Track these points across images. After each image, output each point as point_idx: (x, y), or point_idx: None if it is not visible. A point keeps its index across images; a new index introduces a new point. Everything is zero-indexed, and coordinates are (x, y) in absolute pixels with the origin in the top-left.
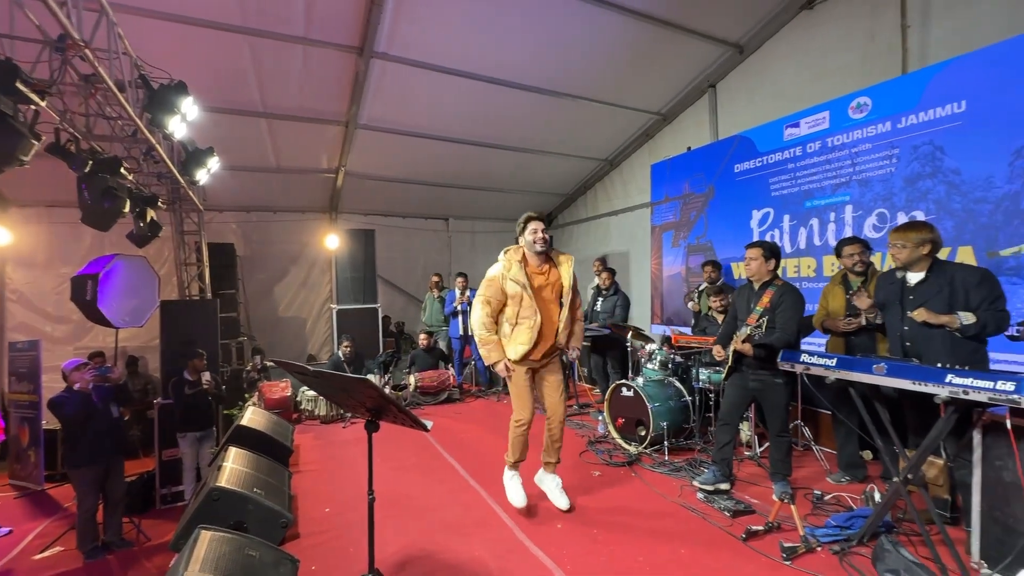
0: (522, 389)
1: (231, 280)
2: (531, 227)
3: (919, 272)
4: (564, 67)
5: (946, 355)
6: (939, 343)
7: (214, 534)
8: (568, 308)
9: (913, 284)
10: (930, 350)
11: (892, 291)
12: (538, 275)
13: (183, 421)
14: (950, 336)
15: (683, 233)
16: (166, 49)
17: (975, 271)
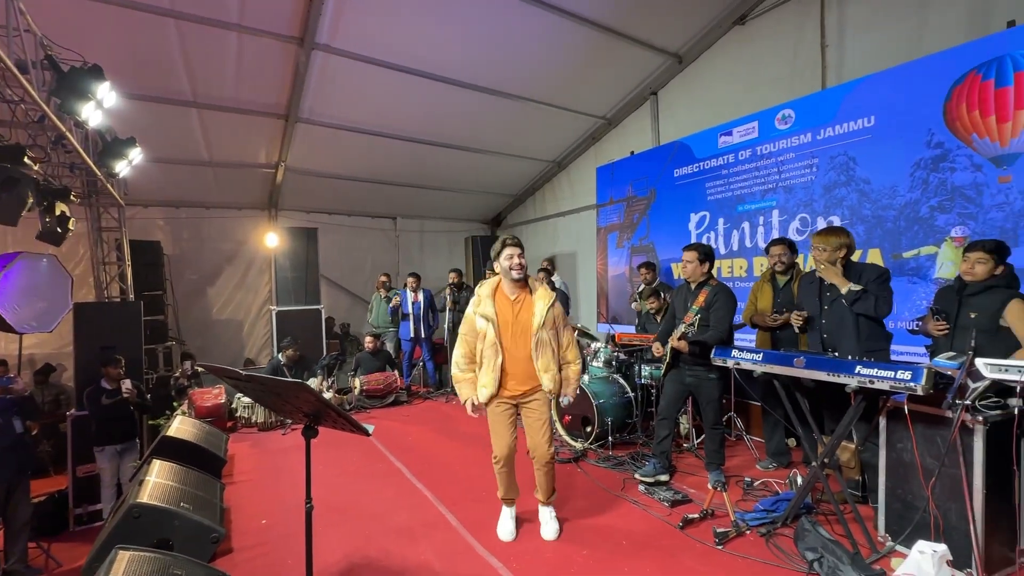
0: (495, 424)
1: (157, 280)
2: (506, 252)
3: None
4: (512, 69)
5: (857, 346)
6: (851, 336)
7: (133, 554)
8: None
9: (829, 283)
10: (843, 341)
11: (811, 290)
12: (508, 308)
13: (101, 434)
14: (857, 330)
15: (627, 235)
16: (79, 29)
17: (876, 268)
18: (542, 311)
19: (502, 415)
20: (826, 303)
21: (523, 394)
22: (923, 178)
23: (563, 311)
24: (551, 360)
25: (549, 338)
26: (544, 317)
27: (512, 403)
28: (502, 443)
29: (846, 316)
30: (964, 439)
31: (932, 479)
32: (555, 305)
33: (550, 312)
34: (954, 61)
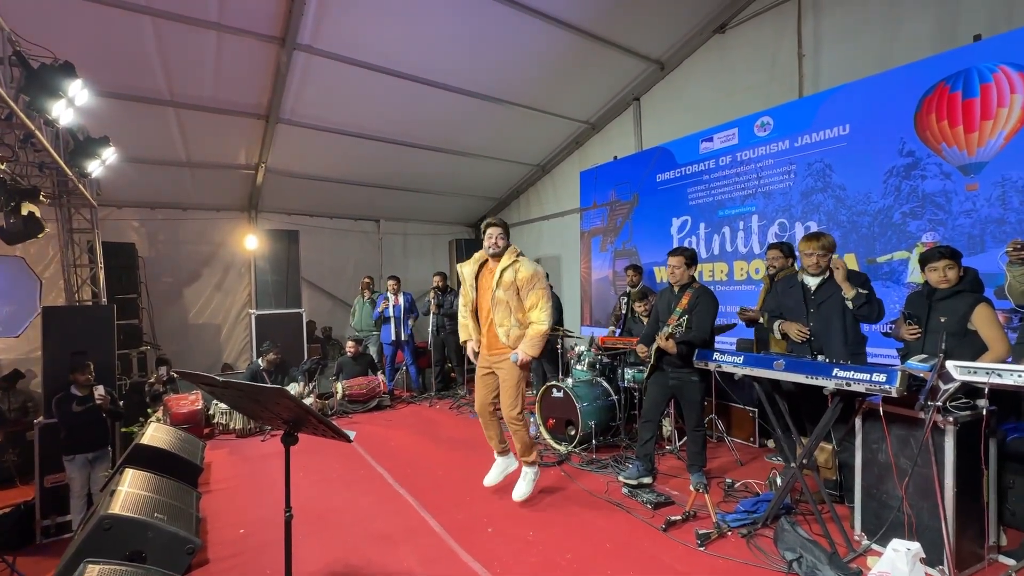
0: (475, 383)
1: (132, 283)
2: (487, 232)
3: (818, 276)
4: (497, 73)
5: (844, 348)
6: (837, 340)
7: (103, 568)
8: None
9: (814, 287)
10: (831, 344)
11: (794, 294)
12: (488, 280)
13: (71, 442)
14: (843, 334)
15: (610, 238)
16: (50, 25)
17: (859, 275)
18: (498, 273)
19: (479, 378)
20: (812, 306)
21: (495, 360)
22: (896, 185)
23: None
24: (506, 317)
25: (507, 298)
26: (499, 278)
27: (487, 368)
28: (477, 399)
29: (834, 319)
30: (936, 439)
31: (906, 479)
32: (518, 269)
33: (507, 273)
34: (924, 72)
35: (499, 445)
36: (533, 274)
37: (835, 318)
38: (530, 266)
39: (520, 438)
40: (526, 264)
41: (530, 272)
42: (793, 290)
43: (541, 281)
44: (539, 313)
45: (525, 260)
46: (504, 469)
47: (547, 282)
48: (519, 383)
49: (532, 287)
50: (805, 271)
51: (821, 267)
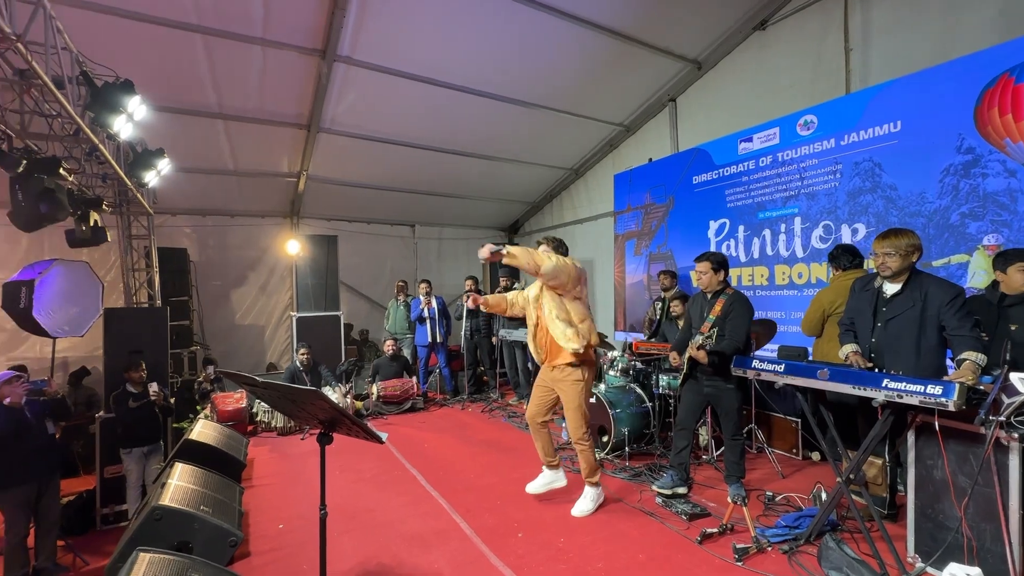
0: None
1: (184, 286)
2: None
3: (897, 283)
4: (530, 77)
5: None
6: (905, 358)
7: (154, 556)
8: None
9: (889, 295)
10: (898, 362)
11: (865, 299)
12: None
13: (127, 436)
14: (916, 351)
15: (645, 242)
16: (112, 46)
17: (949, 289)
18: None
19: (538, 386)
20: (881, 319)
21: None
22: (953, 184)
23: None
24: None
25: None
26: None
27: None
28: (529, 409)
29: (905, 335)
30: (999, 457)
31: (965, 499)
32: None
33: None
34: (985, 63)
35: (546, 458)
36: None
37: (906, 333)
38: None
39: (586, 459)
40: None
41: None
42: (866, 293)
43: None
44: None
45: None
46: (549, 482)
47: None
48: (581, 404)
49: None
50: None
51: (893, 271)
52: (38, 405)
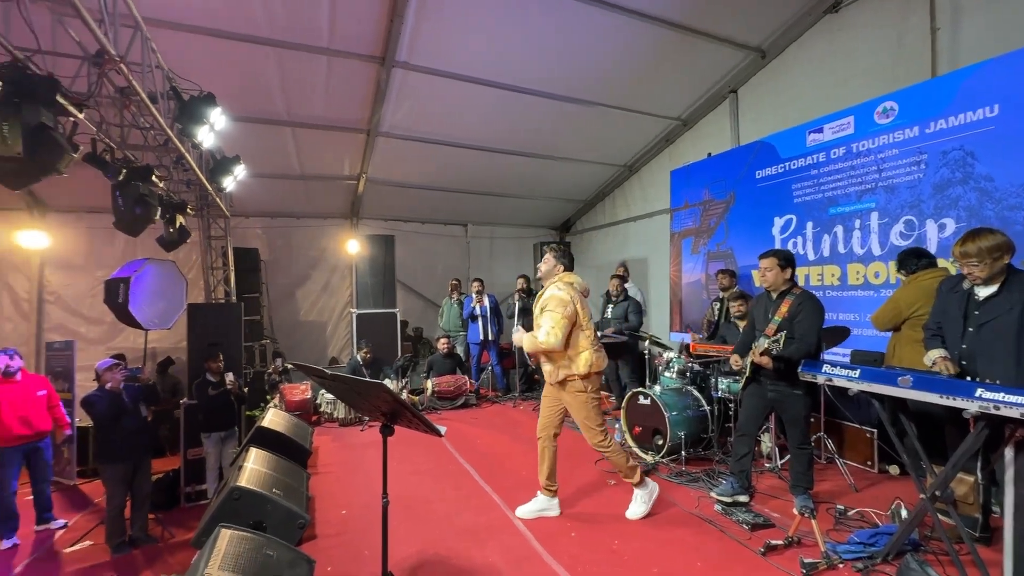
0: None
1: (255, 284)
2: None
3: (992, 286)
4: (583, 74)
5: (1016, 373)
6: (1003, 365)
7: (234, 533)
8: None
9: (982, 298)
10: (993, 369)
11: (955, 301)
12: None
13: (207, 421)
14: (1016, 358)
15: (703, 240)
16: (196, 61)
17: None
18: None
19: (546, 396)
20: (973, 323)
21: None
22: None
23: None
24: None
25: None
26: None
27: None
28: (540, 419)
29: (1002, 340)
30: None
31: None
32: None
33: (539, 304)
34: None
35: (545, 481)
36: (548, 298)
37: (1006, 340)
38: (548, 291)
39: (616, 463)
40: (549, 290)
41: (546, 296)
42: (956, 295)
43: (552, 303)
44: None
45: (551, 286)
46: (541, 509)
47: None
48: (590, 414)
49: (544, 308)
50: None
51: (983, 279)
52: (133, 390)
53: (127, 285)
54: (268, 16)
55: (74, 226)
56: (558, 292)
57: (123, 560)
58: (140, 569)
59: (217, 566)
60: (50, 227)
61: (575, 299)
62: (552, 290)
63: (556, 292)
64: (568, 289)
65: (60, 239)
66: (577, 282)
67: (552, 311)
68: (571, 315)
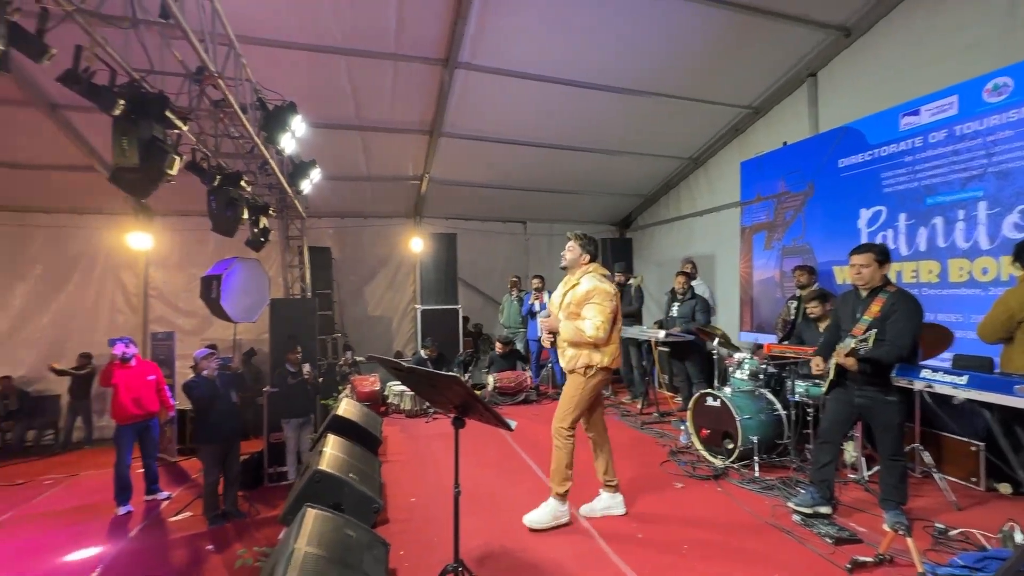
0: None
1: (327, 281)
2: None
3: None
4: (646, 64)
5: None
6: None
7: (318, 512)
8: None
9: None
10: None
11: None
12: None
13: (286, 408)
14: None
15: (777, 234)
16: (277, 73)
17: None
18: (558, 296)
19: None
20: None
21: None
22: None
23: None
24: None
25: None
26: (560, 301)
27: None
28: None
29: None
30: None
31: None
32: (576, 288)
33: (568, 295)
34: None
35: (603, 476)
36: (592, 289)
37: None
38: (588, 282)
39: (556, 459)
40: (585, 280)
41: (586, 288)
42: None
43: (599, 296)
44: (587, 321)
45: (587, 277)
46: (605, 507)
47: (610, 300)
48: (575, 396)
49: (588, 301)
50: None
51: None
52: (225, 378)
53: (219, 282)
54: (340, 26)
55: (172, 228)
56: (602, 284)
57: (218, 531)
58: (232, 541)
59: (305, 542)
60: (153, 230)
61: (615, 293)
62: (594, 281)
63: (600, 284)
64: (608, 282)
65: (161, 241)
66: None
67: (600, 304)
68: (615, 309)
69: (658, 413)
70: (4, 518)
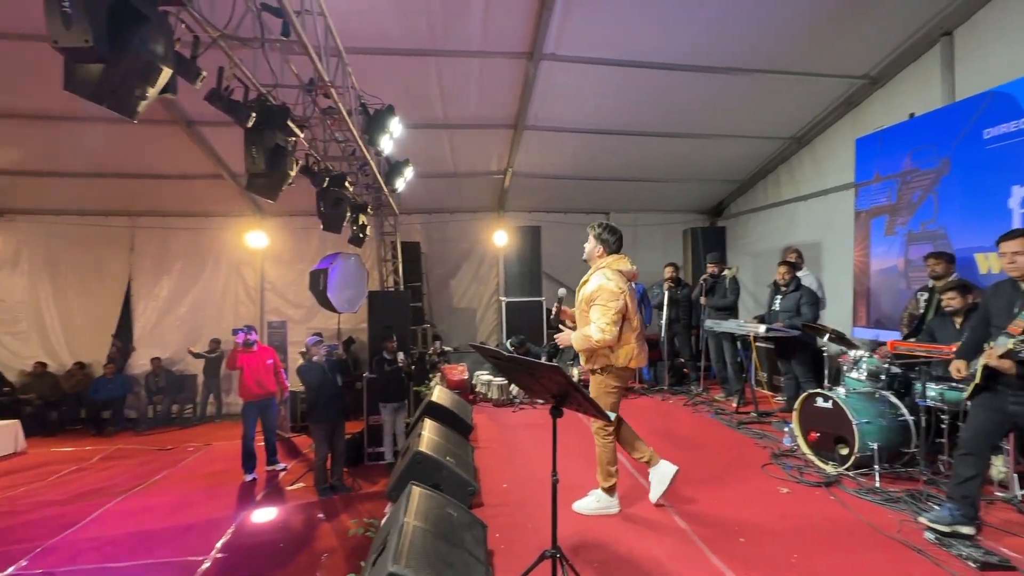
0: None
1: (417, 274)
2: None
3: None
4: (744, 39)
5: None
6: None
7: (422, 491)
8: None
9: None
10: None
11: None
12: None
13: (384, 393)
14: None
15: (902, 218)
16: (375, 77)
17: None
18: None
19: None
20: None
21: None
22: None
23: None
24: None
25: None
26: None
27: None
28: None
29: None
30: None
31: None
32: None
33: (581, 291)
34: None
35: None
36: (598, 289)
37: None
38: (596, 281)
39: (599, 457)
40: (594, 278)
41: (593, 287)
42: None
43: (603, 296)
44: (592, 325)
45: (597, 274)
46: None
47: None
48: (606, 401)
49: (593, 301)
50: None
51: None
52: (332, 364)
53: (326, 276)
54: (430, 29)
55: (283, 227)
56: (607, 283)
57: (327, 503)
58: (339, 512)
59: (413, 516)
60: (267, 228)
61: (624, 290)
62: (600, 279)
63: (605, 283)
64: (617, 279)
65: (273, 239)
66: (626, 268)
67: (603, 304)
68: (622, 308)
69: (756, 413)
70: (159, 477)
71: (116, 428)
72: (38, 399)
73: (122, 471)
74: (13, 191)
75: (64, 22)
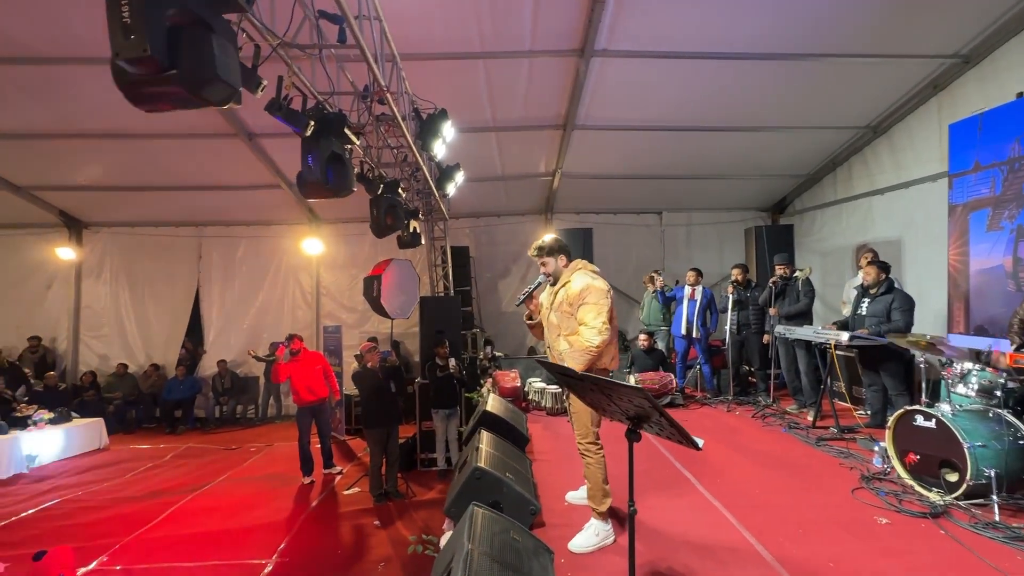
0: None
1: (466, 278)
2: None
3: None
4: (809, 22)
5: None
6: None
7: (485, 512)
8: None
9: None
10: None
11: None
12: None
13: (435, 399)
14: None
15: (1009, 211)
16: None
17: None
18: (547, 299)
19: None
20: None
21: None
22: None
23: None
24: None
25: (558, 321)
26: (552, 300)
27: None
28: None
29: None
30: None
31: None
32: (569, 286)
33: (560, 293)
34: None
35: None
36: (586, 288)
37: None
38: (581, 280)
39: (590, 476)
40: (577, 278)
41: (579, 287)
42: None
43: (593, 295)
44: (586, 329)
45: (579, 274)
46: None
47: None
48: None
49: (582, 302)
50: None
51: None
52: (386, 370)
53: (379, 282)
54: (480, 32)
55: (336, 234)
56: (595, 281)
57: (382, 509)
58: (394, 519)
59: (477, 543)
60: (322, 235)
61: (609, 290)
62: (586, 278)
63: (592, 281)
64: (600, 278)
65: (328, 245)
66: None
67: (595, 303)
68: (611, 307)
69: (837, 428)
70: (224, 477)
71: (187, 427)
72: (120, 399)
73: (192, 469)
74: (96, 205)
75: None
